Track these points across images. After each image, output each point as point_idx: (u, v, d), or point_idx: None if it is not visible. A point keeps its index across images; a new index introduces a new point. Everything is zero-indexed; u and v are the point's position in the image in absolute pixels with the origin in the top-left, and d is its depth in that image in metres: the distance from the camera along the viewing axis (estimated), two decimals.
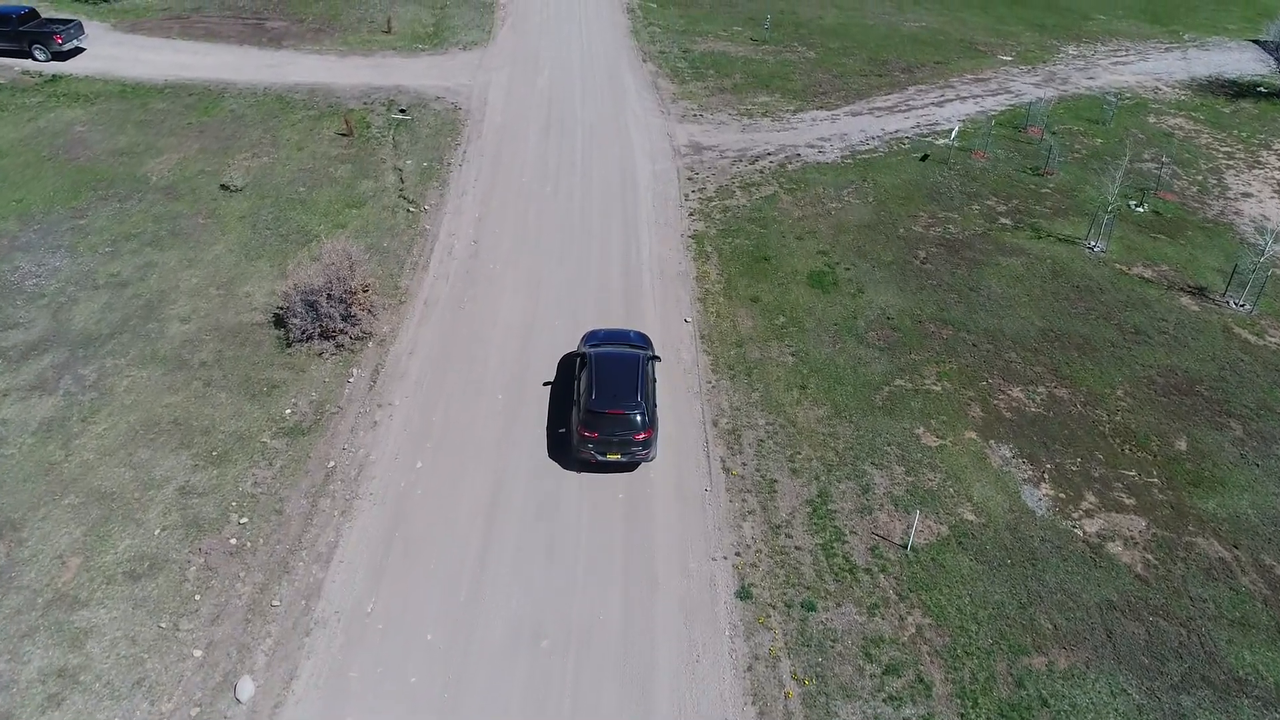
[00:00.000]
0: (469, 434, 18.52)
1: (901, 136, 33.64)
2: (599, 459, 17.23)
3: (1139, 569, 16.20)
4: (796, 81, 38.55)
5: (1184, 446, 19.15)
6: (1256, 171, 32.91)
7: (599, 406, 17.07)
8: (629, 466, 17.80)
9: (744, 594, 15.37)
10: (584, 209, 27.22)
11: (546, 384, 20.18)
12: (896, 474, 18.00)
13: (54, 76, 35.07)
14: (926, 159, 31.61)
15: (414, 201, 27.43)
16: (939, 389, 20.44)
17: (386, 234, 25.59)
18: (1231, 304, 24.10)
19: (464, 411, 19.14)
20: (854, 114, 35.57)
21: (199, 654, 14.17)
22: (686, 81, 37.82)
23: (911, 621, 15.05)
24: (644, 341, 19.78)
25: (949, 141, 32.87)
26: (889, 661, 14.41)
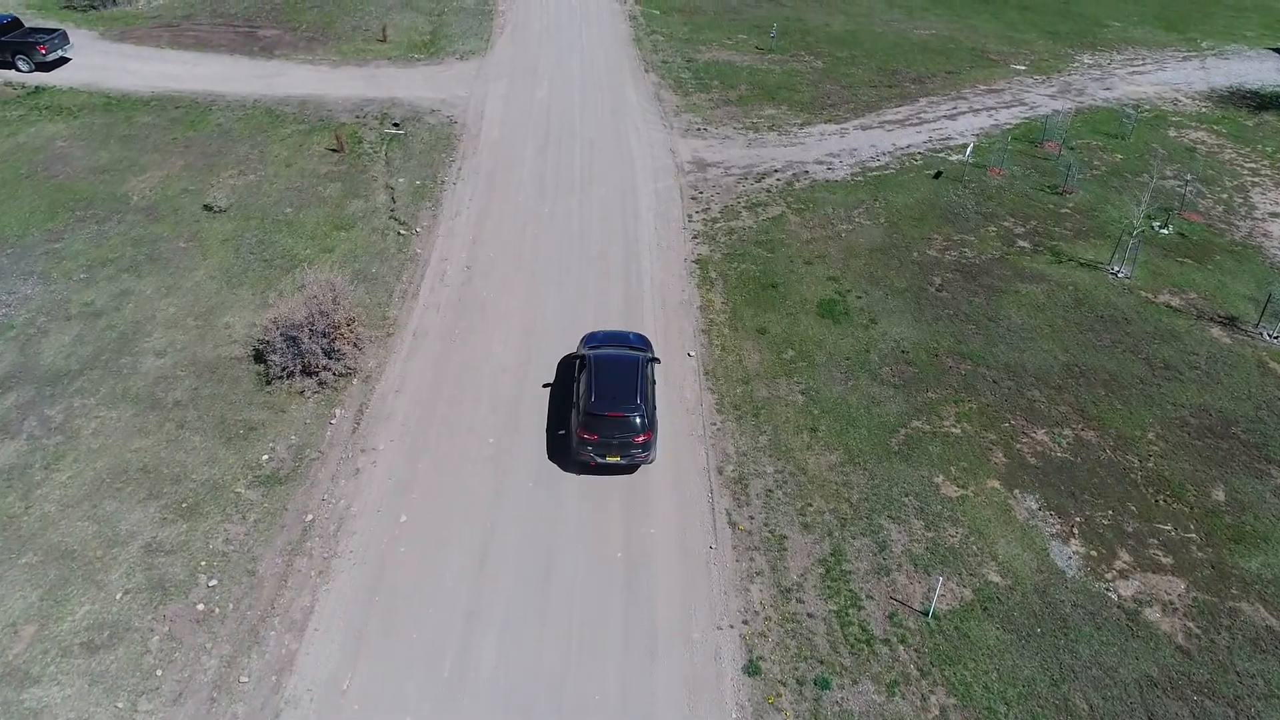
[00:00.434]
0: (457, 484, 17.33)
1: (913, 152, 32.40)
2: (598, 461, 17.08)
3: (1180, 639, 14.97)
4: (804, 93, 37.31)
5: (1222, 497, 17.90)
6: None
7: (598, 409, 16.91)
8: (628, 469, 17.61)
9: (752, 669, 14.16)
10: (583, 231, 26.02)
11: (546, 385, 20.03)
12: (915, 529, 16.78)
13: (37, 88, 33.96)
14: (940, 176, 30.37)
15: (405, 223, 26.25)
16: (958, 431, 19.22)
17: (375, 259, 24.41)
18: (1265, 336, 22.83)
19: (452, 458, 17.95)
20: (863, 127, 34.34)
21: None
22: (690, 93, 36.61)
23: (935, 701, 13.83)
24: (643, 343, 19.61)
25: (963, 158, 31.62)
26: None
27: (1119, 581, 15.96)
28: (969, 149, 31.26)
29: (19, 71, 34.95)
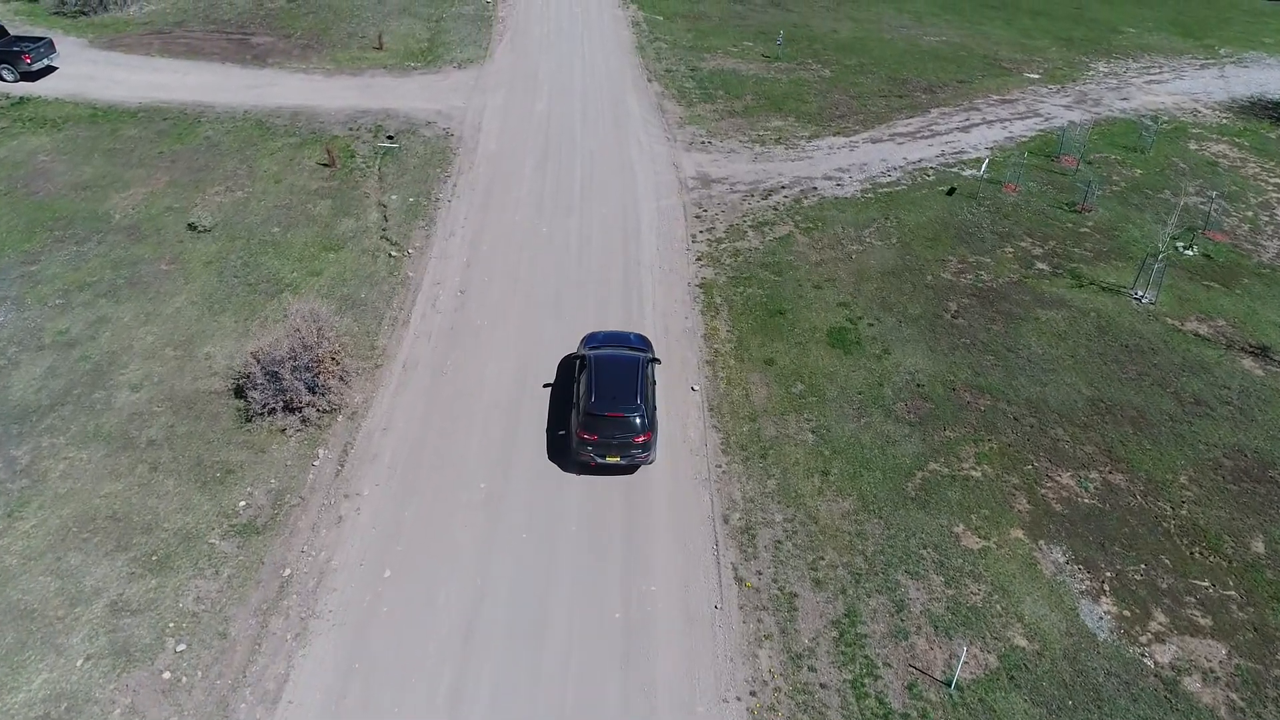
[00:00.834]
0: (445, 534, 16.26)
1: (925, 166, 31.26)
2: (598, 461, 17.10)
3: (1223, 712, 13.86)
4: (811, 103, 36.18)
5: (1261, 549, 16.78)
6: None
7: (598, 409, 16.91)
8: (628, 469, 17.61)
9: None
10: (582, 253, 24.94)
11: (546, 385, 19.99)
12: (935, 585, 15.69)
13: (21, 99, 32.98)
14: (954, 193, 29.23)
15: (397, 243, 25.19)
16: (978, 474, 18.11)
17: (365, 283, 23.35)
18: None
19: (441, 505, 16.88)
20: (873, 140, 33.21)
21: None
22: (694, 104, 35.50)
23: None
24: (644, 344, 19.65)
25: (978, 173, 30.49)
26: None
27: (1155, 646, 14.84)
28: (984, 165, 30.12)
29: (3, 81, 34.00)
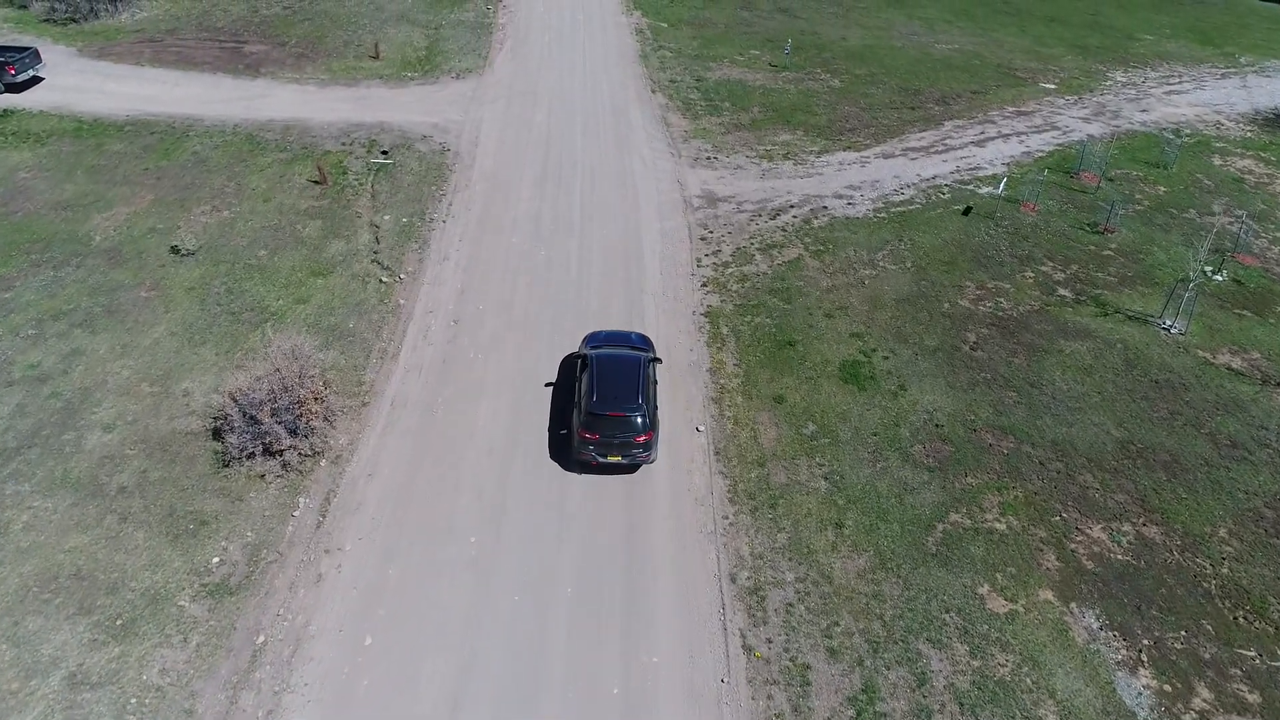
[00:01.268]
0: (432, 597, 15.14)
1: (940, 184, 30.07)
2: (599, 461, 17.13)
3: None
4: (820, 115, 35.00)
5: None
6: None
7: (600, 409, 16.97)
8: (629, 468, 17.63)
9: None
10: (581, 280, 23.80)
11: (549, 385, 19.96)
12: (959, 655, 14.53)
13: (5, 111, 31.94)
14: (970, 212, 28.04)
15: (389, 268, 24.09)
16: (1003, 527, 16.95)
17: (354, 311, 22.25)
18: None
19: (428, 562, 15.76)
20: (885, 155, 32.02)
21: None
22: (699, 116, 34.34)
23: None
24: (645, 343, 19.68)
25: (995, 191, 29.28)
26: None
27: None
28: (1002, 183, 28.90)
29: None
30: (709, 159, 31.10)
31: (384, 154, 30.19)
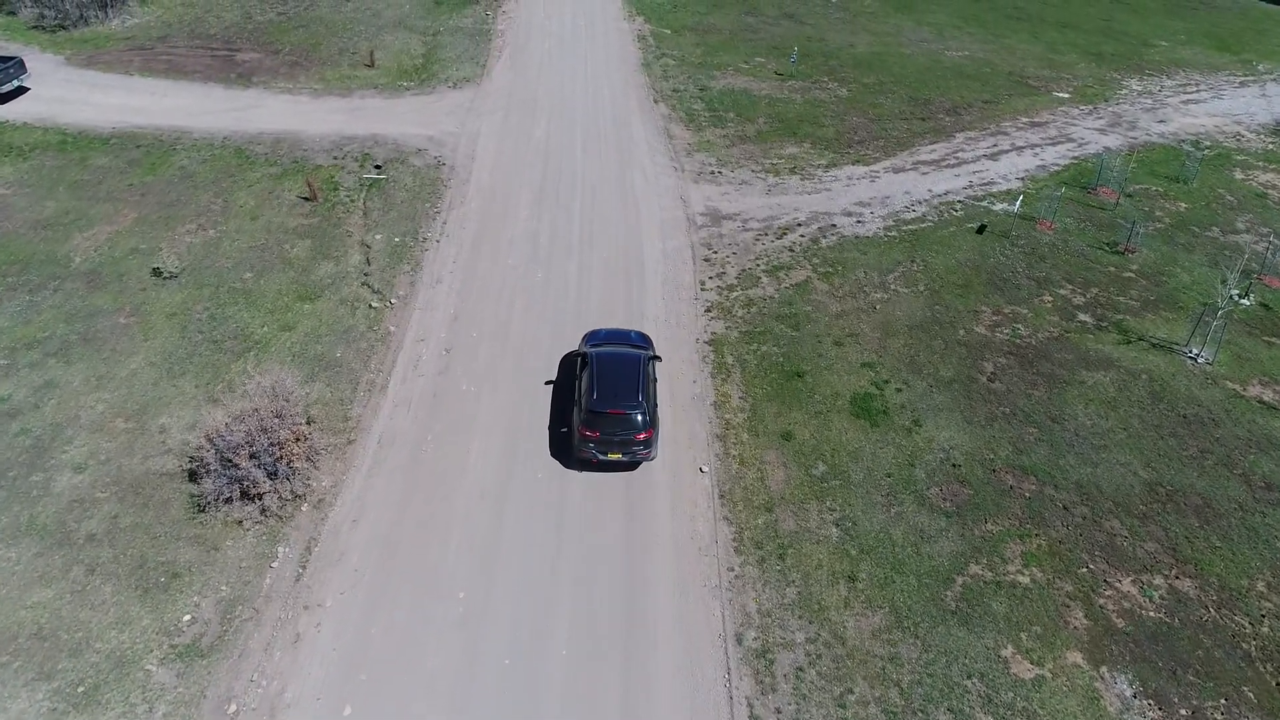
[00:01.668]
0: (417, 661, 14.14)
1: (952, 200, 29.02)
2: (600, 459, 17.23)
3: None
4: (828, 127, 33.96)
5: None
6: None
7: (600, 406, 17.08)
8: (629, 466, 17.70)
9: None
10: (580, 305, 22.77)
11: (549, 382, 20.01)
12: None
13: None
14: (984, 231, 26.98)
15: (379, 291, 23.09)
16: (1026, 580, 15.91)
17: (341, 339, 21.26)
18: None
19: (413, 621, 14.76)
20: (895, 169, 30.97)
21: None
22: (703, 128, 33.30)
23: None
24: (644, 341, 19.76)
25: (1010, 209, 28.22)
26: None
27: None
28: (1018, 201, 27.83)
29: None
30: (713, 173, 30.07)
31: (377, 168, 29.21)
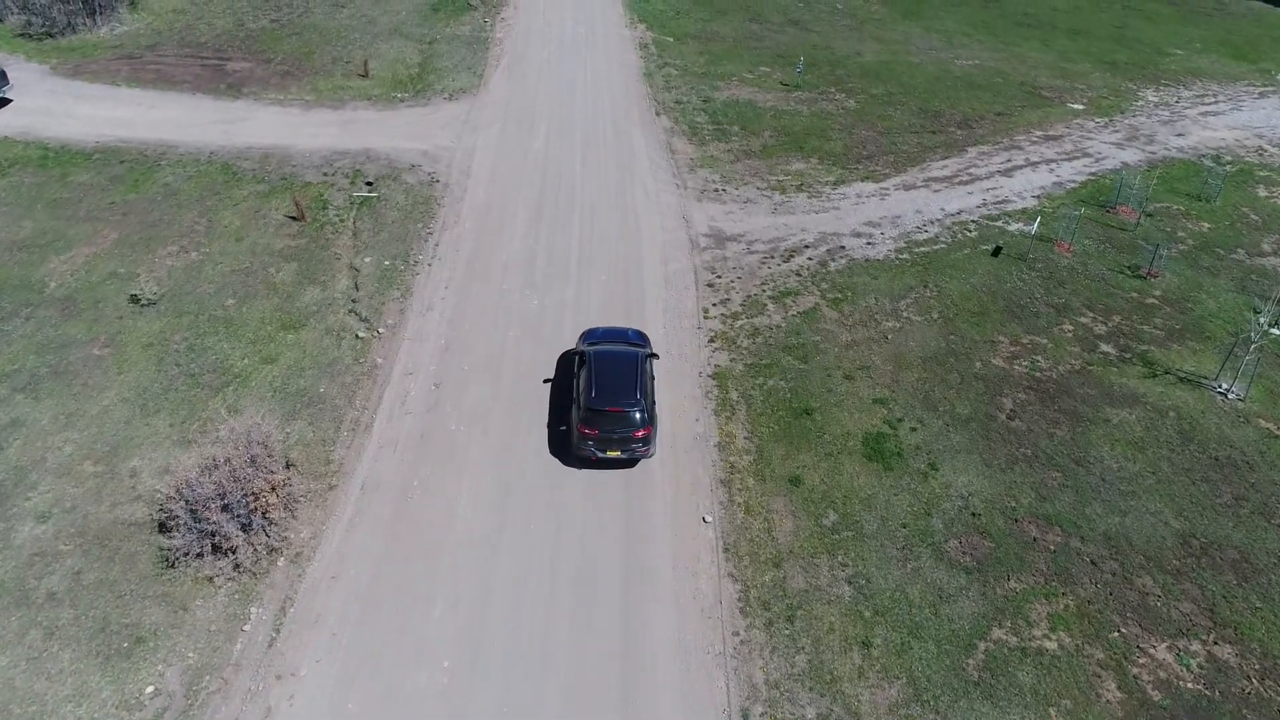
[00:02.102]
0: None
1: (965, 219, 27.89)
2: (599, 456, 17.33)
3: None
4: (836, 141, 32.84)
5: None
6: None
7: (599, 404, 17.20)
8: (628, 463, 17.74)
9: None
10: (576, 335, 21.65)
11: (547, 381, 20.06)
12: None
13: None
14: (1000, 253, 25.86)
15: (367, 319, 22.03)
16: (1053, 646, 14.81)
17: (325, 373, 20.20)
18: None
19: (393, 693, 13.67)
20: (906, 187, 29.85)
21: None
22: (707, 142, 32.20)
23: None
24: (642, 339, 19.86)
25: (1025, 228, 27.09)
26: None
27: None
28: (1035, 223, 26.69)
29: None
30: (717, 191, 28.97)
31: (368, 185, 28.16)
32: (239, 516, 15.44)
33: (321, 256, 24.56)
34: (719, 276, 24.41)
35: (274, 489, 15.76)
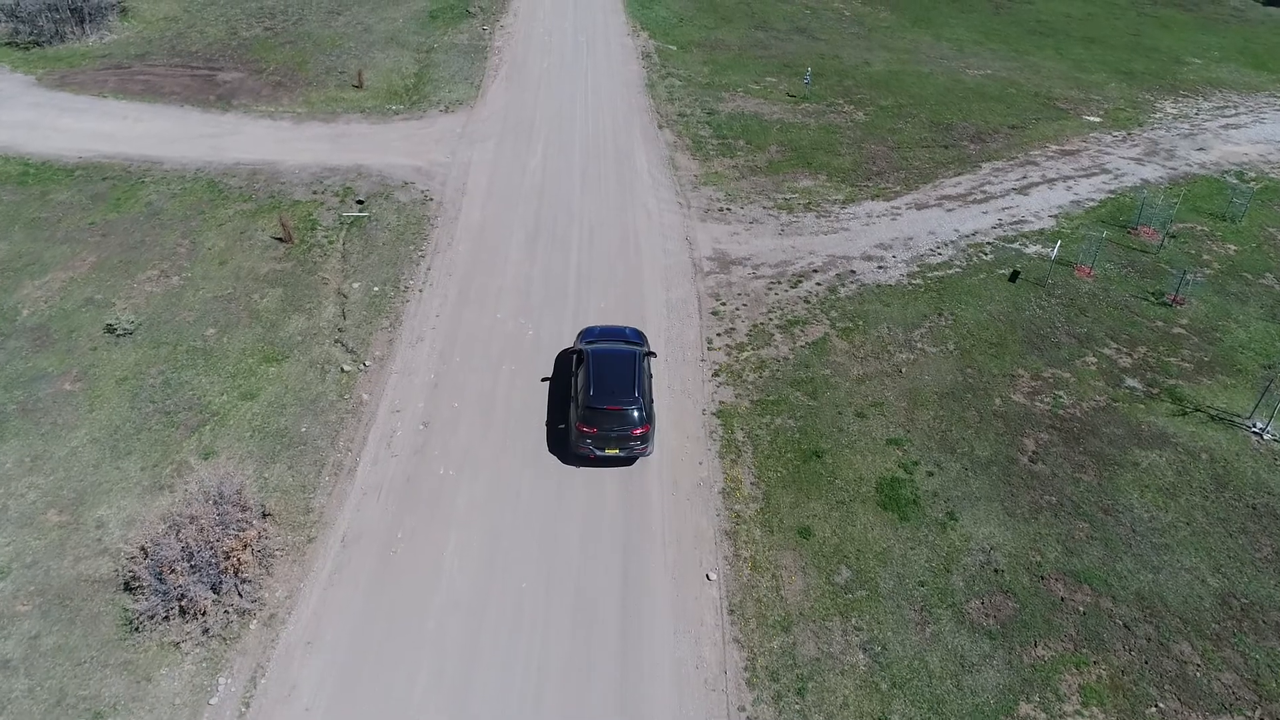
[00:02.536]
0: None
1: (981, 241, 26.73)
2: (597, 454, 17.35)
3: None
4: (844, 156, 31.70)
5: None
6: None
7: (597, 403, 17.21)
8: (627, 461, 17.73)
9: None
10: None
11: (545, 380, 20.05)
12: None
13: None
14: (1017, 278, 24.73)
15: (353, 351, 20.96)
16: None
17: (308, 410, 19.13)
18: None
19: None
20: (918, 205, 28.71)
21: None
22: (711, 158, 31.09)
23: None
24: (639, 338, 20.01)
25: (1043, 250, 25.92)
26: None
27: None
28: (1055, 246, 25.51)
29: None
30: (721, 210, 27.85)
31: (359, 203, 27.10)
32: (208, 577, 14.39)
33: (308, 281, 23.50)
34: (723, 303, 23.30)
35: (246, 546, 14.68)
